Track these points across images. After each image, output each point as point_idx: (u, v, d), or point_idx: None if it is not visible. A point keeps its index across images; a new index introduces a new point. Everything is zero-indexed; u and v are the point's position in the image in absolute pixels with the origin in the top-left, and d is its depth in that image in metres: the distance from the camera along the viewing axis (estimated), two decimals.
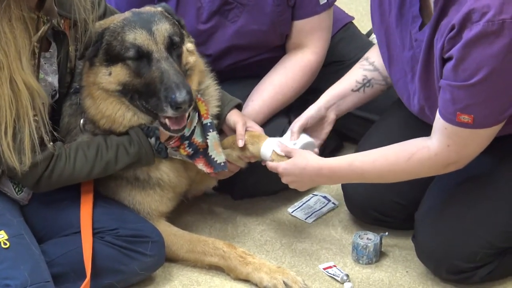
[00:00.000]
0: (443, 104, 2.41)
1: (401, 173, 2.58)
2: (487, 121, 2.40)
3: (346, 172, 2.65)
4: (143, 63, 2.59)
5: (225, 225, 3.04)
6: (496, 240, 2.58)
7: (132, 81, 2.60)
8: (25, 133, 2.44)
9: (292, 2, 3.03)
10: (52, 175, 2.56)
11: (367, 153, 2.64)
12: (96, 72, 2.62)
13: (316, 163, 2.67)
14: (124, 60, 2.59)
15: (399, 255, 2.86)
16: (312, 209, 3.09)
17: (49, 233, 2.68)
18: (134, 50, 2.58)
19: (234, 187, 3.11)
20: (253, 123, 2.91)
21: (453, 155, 2.48)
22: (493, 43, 2.26)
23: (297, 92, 3.09)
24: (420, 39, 2.50)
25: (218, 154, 2.75)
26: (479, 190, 2.62)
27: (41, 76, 2.53)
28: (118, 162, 2.63)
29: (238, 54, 3.10)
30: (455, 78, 2.35)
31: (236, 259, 2.72)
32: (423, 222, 2.69)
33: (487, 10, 2.26)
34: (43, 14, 2.48)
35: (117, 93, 2.62)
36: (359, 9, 2.75)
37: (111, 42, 2.60)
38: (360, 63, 2.90)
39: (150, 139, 2.66)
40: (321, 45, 3.10)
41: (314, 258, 2.86)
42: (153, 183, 2.76)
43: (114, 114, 2.64)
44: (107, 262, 2.60)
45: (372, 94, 2.89)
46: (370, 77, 2.86)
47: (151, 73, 2.57)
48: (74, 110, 2.70)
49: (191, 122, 2.72)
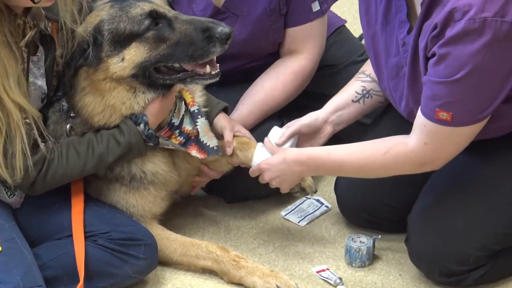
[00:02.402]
0: (424, 100, 2.43)
1: (378, 167, 2.59)
2: (465, 119, 2.40)
3: (324, 161, 2.66)
4: (162, 27, 2.58)
5: (218, 228, 3.04)
6: (488, 242, 2.58)
7: (154, 52, 2.57)
8: (17, 148, 2.44)
9: (284, 10, 3.03)
10: (47, 175, 2.55)
11: (346, 145, 2.66)
12: (106, 66, 2.58)
13: (296, 151, 2.71)
14: (139, 36, 2.57)
15: (392, 258, 2.86)
16: (305, 212, 3.09)
17: (41, 237, 2.67)
18: (150, 19, 2.56)
19: (226, 191, 3.11)
20: (241, 127, 2.91)
21: (429, 153, 2.49)
22: (474, 41, 2.28)
23: (288, 97, 3.09)
24: (408, 42, 2.52)
25: (210, 139, 2.76)
26: (470, 192, 2.62)
27: (30, 80, 2.53)
28: (110, 154, 2.62)
29: (231, 62, 3.09)
30: (436, 74, 2.36)
31: (229, 262, 2.72)
32: (415, 225, 2.70)
33: (469, 8, 2.27)
34: (30, 18, 2.47)
35: (130, 79, 2.60)
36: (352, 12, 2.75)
37: (117, 26, 2.57)
38: (357, 77, 2.91)
39: (138, 127, 2.64)
40: (314, 52, 3.10)
41: (307, 261, 2.86)
42: (148, 181, 2.75)
43: (120, 101, 2.61)
44: (99, 265, 2.59)
45: (371, 105, 2.89)
46: (369, 88, 2.87)
47: (178, 29, 2.57)
48: (58, 117, 2.68)
49: (179, 111, 2.73)
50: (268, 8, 2.99)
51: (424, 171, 2.57)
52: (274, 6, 3.00)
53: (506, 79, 2.36)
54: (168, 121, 2.72)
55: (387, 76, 2.66)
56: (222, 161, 2.91)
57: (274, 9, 3.00)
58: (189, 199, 3.14)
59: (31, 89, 2.53)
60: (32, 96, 2.54)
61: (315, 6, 3.04)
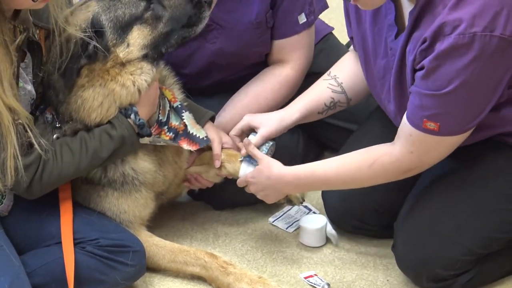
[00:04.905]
0: (412, 109, 2.44)
1: (365, 179, 2.61)
2: (452, 130, 2.42)
3: (309, 180, 2.68)
4: (156, 7, 2.64)
5: (206, 235, 3.04)
6: (474, 246, 2.59)
7: (155, 32, 2.64)
8: (7, 153, 2.43)
9: (271, 23, 3.03)
10: (42, 176, 2.55)
11: (330, 160, 2.67)
12: (115, 55, 2.60)
13: (279, 171, 2.71)
14: (139, 18, 2.62)
15: (380, 263, 2.87)
16: (293, 218, 3.10)
17: (29, 244, 2.67)
18: (144, 0, 2.63)
19: (214, 198, 3.12)
20: (228, 138, 2.91)
21: (415, 161, 2.51)
22: (463, 56, 2.29)
23: (273, 104, 3.08)
24: (395, 48, 2.53)
25: (198, 130, 2.79)
26: (455, 197, 2.63)
27: (20, 85, 2.53)
28: (103, 149, 2.62)
29: (218, 73, 3.11)
30: (425, 87, 2.38)
31: (218, 269, 2.72)
32: (401, 231, 2.70)
33: (459, 23, 2.28)
34: (19, 23, 2.47)
35: (139, 59, 2.63)
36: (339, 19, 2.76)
37: (116, 14, 2.60)
38: (329, 82, 2.91)
39: (129, 119, 2.65)
40: (301, 62, 3.11)
41: (295, 267, 2.86)
42: (139, 182, 2.75)
43: (120, 85, 2.62)
44: (88, 272, 2.59)
45: (330, 114, 2.94)
46: (337, 100, 2.90)
47: (168, 5, 2.66)
48: (43, 130, 2.66)
49: (164, 108, 2.76)
50: (255, 21, 3.00)
51: (408, 176, 2.58)
52: (260, 19, 3.01)
53: (494, 91, 2.38)
54: (156, 118, 2.74)
55: (375, 76, 2.68)
56: (211, 172, 2.93)
57: (260, 22, 3.01)
58: (177, 206, 3.15)
59: (21, 94, 2.53)
60: (22, 101, 2.53)
61: (301, 18, 3.05)
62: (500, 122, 2.54)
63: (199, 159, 2.92)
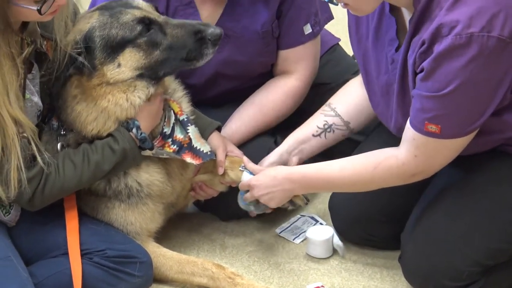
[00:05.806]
0: (413, 113, 2.45)
1: (370, 182, 2.61)
2: (454, 132, 2.43)
3: (315, 179, 2.68)
4: (154, 33, 2.60)
5: (213, 246, 3.04)
6: (481, 257, 2.59)
7: (149, 58, 2.60)
8: (12, 165, 2.44)
9: (276, 33, 3.05)
10: (44, 189, 2.55)
11: (336, 161, 2.68)
12: (101, 73, 2.58)
13: (287, 169, 2.74)
14: (131, 42, 2.58)
15: (387, 275, 2.87)
16: (299, 229, 3.10)
17: (36, 255, 2.67)
18: (142, 25, 2.58)
19: (220, 209, 3.12)
20: (233, 147, 2.92)
21: (420, 165, 2.51)
22: (461, 56, 2.30)
23: (279, 115, 3.10)
24: (397, 59, 2.54)
25: (202, 144, 2.78)
26: (462, 209, 2.63)
27: (27, 96, 2.53)
28: (105, 162, 2.62)
29: (224, 84, 3.11)
30: (425, 89, 2.39)
31: (225, 280, 2.72)
32: (408, 242, 2.70)
33: (456, 24, 2.29)
34: (27, 35, 2.48)
35: (133, 79, 2.61)
36: (345, 30, 2.76)
37: (109, 33, 2.57)
38: (322, 109, 2.93)
39: (131, 132, 2.65)
40: (306, 73, 3.12)
41: (302, 279, 2.86)
42: (145, 194, 2.75)
43: (114, 104, 2.60)
44: (95, 283, 2.59)
45: (333, 139, 2.93)
46: (331, 123, 2.90)
47: (170, 33, 2.60)
48: (49, 137, 2.68)
49: (169, 120, 2.75)
50: (261, 30, 3.01)
51: (414, 181, 2.58)
52: (266, 29, 3.02)
53: (494, 93, 2.38)
54: (160, 130, 2.73)
55: (380, 92, 2.68)
56: (215, 180, 2.93)
57: (266, 32, 3.02)
58: (184, 217, 3.15)
59: (27, 106, 2.54)
60: (29, 113, 2.54)
61: (307, 28, 3.06)
62: (503, 127, 2.54)
63: (203, 167, 2.92)
